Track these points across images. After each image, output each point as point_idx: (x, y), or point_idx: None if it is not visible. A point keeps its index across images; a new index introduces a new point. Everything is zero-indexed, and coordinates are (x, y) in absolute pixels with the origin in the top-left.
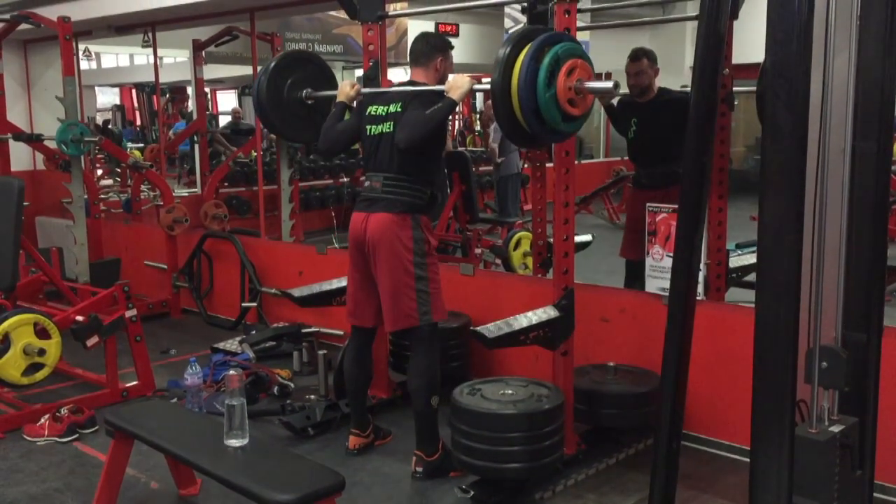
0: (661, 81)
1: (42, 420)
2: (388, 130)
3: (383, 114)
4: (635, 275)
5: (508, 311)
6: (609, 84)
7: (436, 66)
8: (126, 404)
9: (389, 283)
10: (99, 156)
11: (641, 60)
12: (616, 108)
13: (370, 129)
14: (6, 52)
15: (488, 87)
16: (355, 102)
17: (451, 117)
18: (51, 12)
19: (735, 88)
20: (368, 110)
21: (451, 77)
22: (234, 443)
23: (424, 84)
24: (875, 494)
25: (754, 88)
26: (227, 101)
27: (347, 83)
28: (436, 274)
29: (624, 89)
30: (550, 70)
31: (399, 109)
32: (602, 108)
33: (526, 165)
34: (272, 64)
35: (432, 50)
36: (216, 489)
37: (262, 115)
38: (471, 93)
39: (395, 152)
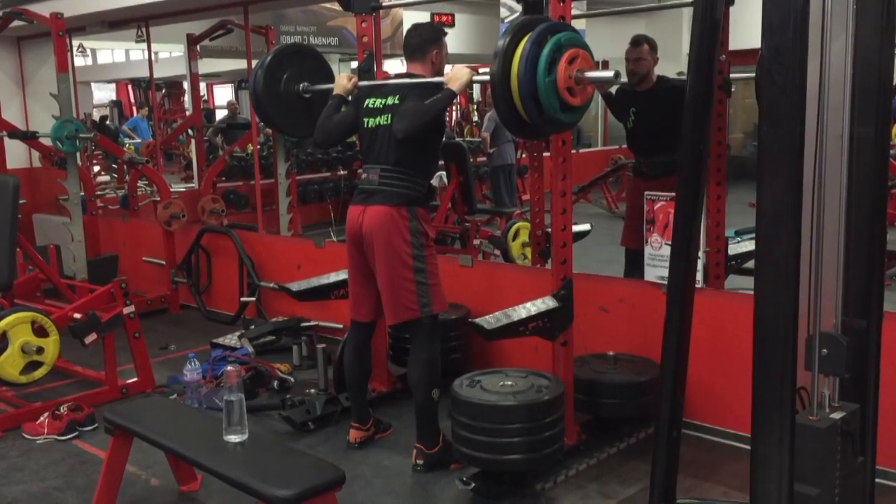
0: (658, 69)
1: (41, 418)
2: (385, 122)
3: (381, 106)
4: (635, 264)
5: (507, 302)
6: (609, 73)
7: (431, 58)
8: (125, 401)
9: (388, 276)
10: (96, 152)
11: (642, 46)
12: (614, 96)
13: (367, 122)
14: (0, 49)
15: (487, 77)
16: (352, 96)
17: (448, 109)
18: (44, 8)
19: (732, 75)
20: (366, 103)
21: (449, 68)
22: (234, 438)
23: (422, 76)
24: (877, 480)
25: (752, 74)
26: (224, 95)
27: (344, 76)
28: (434, 266)
29: (623, 76)
30: (551, 57)
31: (397, 101)
32: (600, 97)
33: (524, 156)
34: (269, 57)
35: (426, 42)
36: (217, 485)
37: (258, 109)
38: (470, 84)
39: (392, 144)
